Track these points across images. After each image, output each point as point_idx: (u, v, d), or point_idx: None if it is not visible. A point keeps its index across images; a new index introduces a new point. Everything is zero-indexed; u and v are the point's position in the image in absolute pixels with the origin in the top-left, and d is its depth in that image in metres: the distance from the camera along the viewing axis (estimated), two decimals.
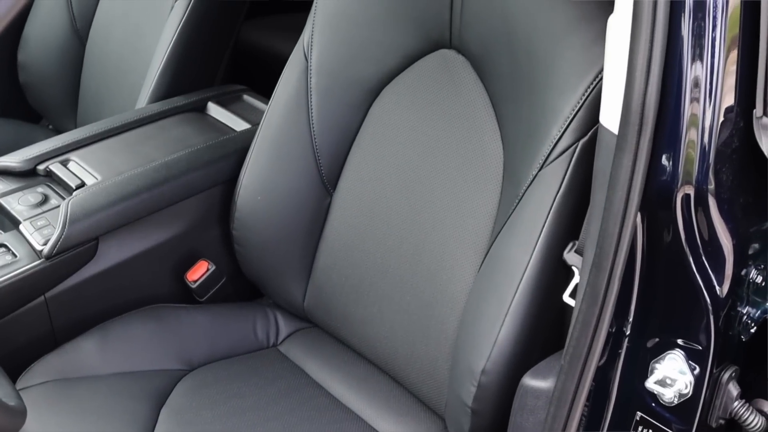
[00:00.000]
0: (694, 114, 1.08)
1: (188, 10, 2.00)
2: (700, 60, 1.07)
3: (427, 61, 1.60)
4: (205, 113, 1.99)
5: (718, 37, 1.07)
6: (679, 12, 1.06)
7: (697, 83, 1.07)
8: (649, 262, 1.16)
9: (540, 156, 1.37)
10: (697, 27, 1.05)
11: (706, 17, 1.05)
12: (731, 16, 1.07)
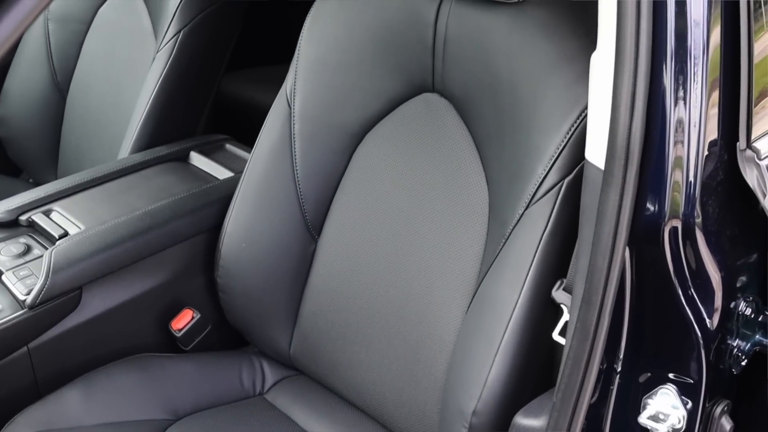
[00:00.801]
0: (679, 148, 1.09)
1: (169, 61, 2.01)
2: (683, 97, 1.08)
3: (410, 106, 1.61)
4: (188, 162, 1.99)
5: (700, 75, 1.08)
6: (662, 51, 1.07)
7: (681, 119, 1.08)
8: (638, 296, 1.16)
9: (526, 195, 1.38)
10: (679, 68, 1.07)
11: (688, 60, 1.06)
12: (712, 59, 1.08)
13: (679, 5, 1.05)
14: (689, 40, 1.06)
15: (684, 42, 1.06)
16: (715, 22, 1.08)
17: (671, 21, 1.05)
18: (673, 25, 1.05)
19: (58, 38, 2.30)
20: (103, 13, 2.24)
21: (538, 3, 1.41)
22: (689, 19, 1.05)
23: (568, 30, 1.37)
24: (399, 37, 1.57)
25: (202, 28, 2.02)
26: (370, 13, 1.60)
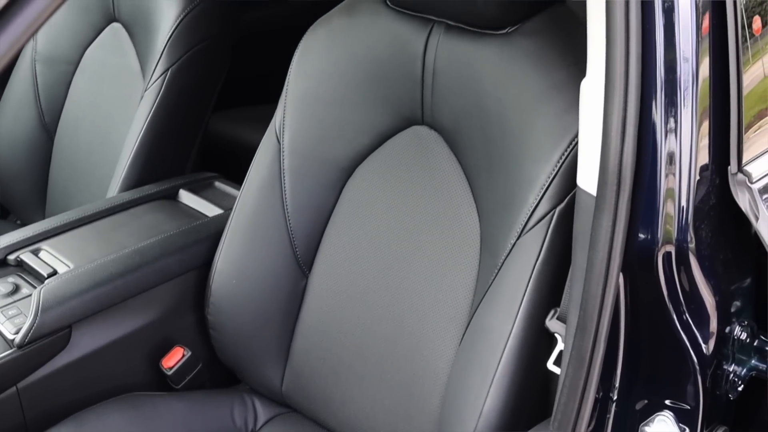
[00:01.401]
0: (671, 172, 1.09)
1: (158, 99, 2.01)
2: (674, 124, 1.08)
3: (399, 139, 1.61)
4: (177, 200, 1.99)
5: (690, 101, 1.08)
6: (651, 77, 1.07)
7: (672, 144, 1.09)
8: (633, 322, 1.15)
9: (517, 225, 1.37)
10: (669, 98, 1.07)
11: (678, 89, 1.07)
12: (701, 90, 1.09)
13: (668, 38, 1.05)
14: (678, 69, 1.07)
15: (673, 72, 1.07)
16: (703, 55, 1.08)
17: (660, 49, 1.06)
18: (662, 54, 1.06)
19: (46, 79, 2.30)
20: (91, 54, 2.24)
21: (526, 33, 1.42)
22: (678, 50, 1.06)
23: (556, 59, 1.38)
24: (388, 70, 1.57)
25: (190, 65, 2.03)
26: (358, 46, 1.61)
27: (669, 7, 1.05)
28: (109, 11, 2.20)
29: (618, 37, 1.07)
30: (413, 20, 1.54)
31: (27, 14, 0.67)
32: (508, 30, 1.43)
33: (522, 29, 1.42)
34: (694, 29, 1.07)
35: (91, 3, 2.22)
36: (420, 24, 1.53)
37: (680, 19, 1.06)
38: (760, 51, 1.17)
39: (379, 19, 1.59)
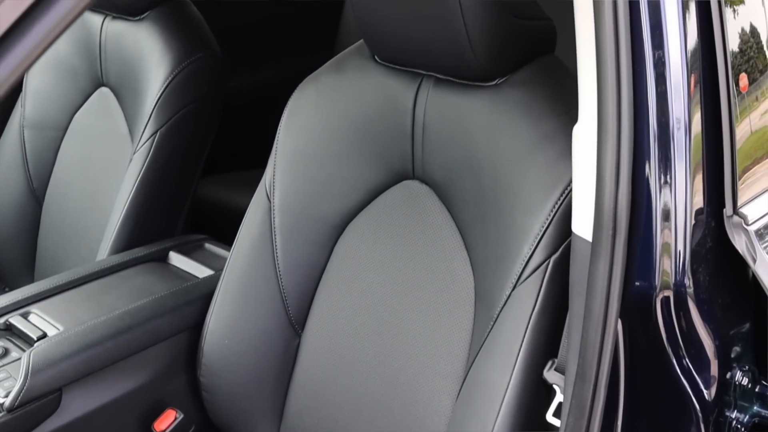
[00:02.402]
0: (666, 216, 1.09)
1: (146, 162, 2.00)
2: (668, 169, 1.09)
3: (391, 194, 1.60)
4: (167, 262, 1.97)
5: (683, 144, 1.09)
6: (644, 121, 1.08)
7: (666, 187, 1.09)
8: (632, 369, 1.14)
9: (512, 276, 1.36)
10: (663, 152, 1.08)
11: (671, 142, 1.08)
12: (695, 142, 1.10)
13: (660, 97, 1.06)
14: (671, 126, 1.07)
15: (666, 130, 1.07)
16: (695, 111, 1.09)
17: (653, 106, 1.07)
18: (654, 110, 1.07)
19: (34, 145, 2.30)
20: (79, 119, 2.24)
21: (515, 84, 1.42)
22: (670, 110, 1.07)
23: (546, 109, 1.38)
24: (377, 125, 1.58)
25: (179, 127, 2.03)
26: (347, 102, 1.61)
27: (660, 64, 1.06)
28: (97, 76, 2.20)
29: (609, 84, 1.08)
30: (402, 75, 1.54)
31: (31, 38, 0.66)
32: (497, 81, 1.44)
33: (511, 80, 1.43)
34: (685, 89, 1.08)
35: (78, 68, 2.23)
36: (409, 78, 1.54)
37: (672, 78, 1.08)
38: (747, 108, 1.18)
39: (367, 75, 1.59)
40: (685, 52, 1.09)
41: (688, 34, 1.09)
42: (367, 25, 1.54)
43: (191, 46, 2.05)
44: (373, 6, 1.50)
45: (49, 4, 0.68)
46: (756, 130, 1.20)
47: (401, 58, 1.53)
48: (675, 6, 1.08)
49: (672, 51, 1.08)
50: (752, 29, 1.21)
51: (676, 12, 1.09)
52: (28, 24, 0.67)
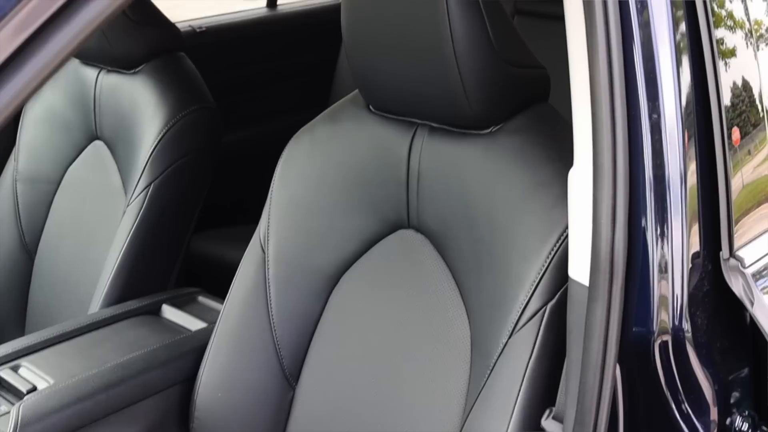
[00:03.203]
0: (663, 260, 1.08)
1: (140, 215, 2.00)
2: (664, 213, 1.09)
3: (385, 244, 1.60)
4: (160, 315, 1.96)
5: (678, 191, 1.09)
6: (639, 163, 1.08)
7: (663, 231, 1.08)
8: (631, 414, 1.13)
9: (508, 324, 1.35)
10: (660, 204, 1.08)
11: (667, 189, 1.08)
12: (690, 192, 1.10)
13: (655, 152, 1.07)
14: (666, 172, 1.08)
15: (662, 180, 1.08)
16: (690, 161, 1.10)
17: (648, 148, 1.08)
18: (650, 157, 1.08)
19: (27, 199, 2.29)
20: (73, 172, 2.24)
21: (510, 131, 1.43)
22: (665, 157, 1.08)
23: (541, 156, 1.38)
24: (372, 175, 1.58)
25: (173, 180, 2.03)
26: (342, 153, 1.61)
27: (655, 116, 1.07)
28: (91, 129, 2.21)
29: (604, 128, 1.08)
30: (397, 124, 1.55)
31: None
32: (492, 129, 1.44)
33: (506, 128, 1.43)
34: (680, 142, 1.09)
35: (72, 122, 2.24)
36: (403, 127, 1.54)
37: (667, 132, 1.09)
38: (739, 162, 1.18)
39: (362, 125, 1.60)
40: (680, 105, 1.10)
41: (682, 87, 1.10)
42: (362, 74, 1.55)
43: (186, 98, 2.06)
44: (368, 56, 1.51)
45: (46, 38, 0.68)
46: (748, 184, 1.20)
47: (396, 107, 1.54)
48: (669, 59, 1.10)
49: (667, 105, 1.09)
50: (744, 83, 1.21)
51: (670, 65, 1.10)
52: (25, 57, 0.67)
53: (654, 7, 1.10)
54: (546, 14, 2.78)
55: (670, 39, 1.12)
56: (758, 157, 1.24)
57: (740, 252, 1.13)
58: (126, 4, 0.77)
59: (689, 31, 1.14)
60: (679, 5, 1.13)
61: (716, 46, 1.14)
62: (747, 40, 1.25)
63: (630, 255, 1.08)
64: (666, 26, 1.11)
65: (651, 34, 1.10)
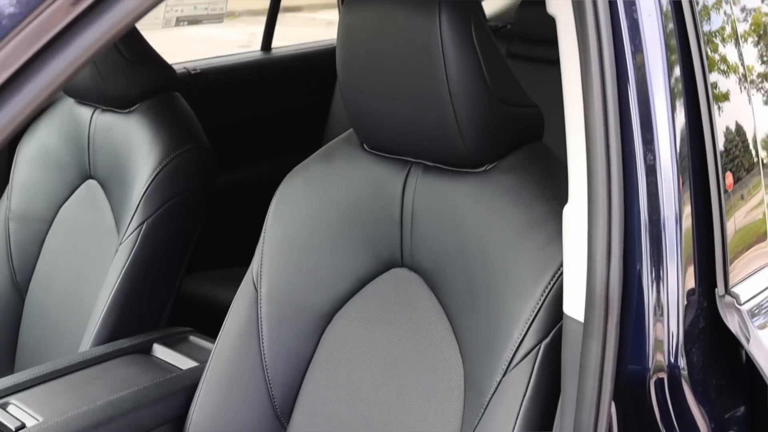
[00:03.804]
0: (658, 296, 1.08)
1: (132, 253, 2.00)
2: (658, 250, 1.09)
3: (379, 282, 1.59)
4: (151, 354, 1.95)
5: (673, 228, 1.09)
6: (633, 198, 1.08)
7: (657, 268, 1.08)
8: None
9: (502, 362, 1.35)
10: (654, 246, 1.09)
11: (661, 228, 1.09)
12: (685, 235, 1.10)
13: (651, 196, 1.07)
14: (662, 215, 1.09)
15: (657, 223, 1.08)
16: (685, 204, 1.11)
17: (643, 193, 1.08)
18: (646, 201, 1.08)
19: (19, 238, 2.28)
20: (65, 211, 2.24)
21: (504, 170, 1.43)
22: (661, 201, 1.08)
23: (536, 194, 1.39)
24: (366, 213, 1.57)
25: (166, 219, 2.03)
26: (336, 191, 1.61)
27: (650, 159, 1.08)
28: (85, 168, 2.21)
29: (599, 165, 1.08)
30: (391, 163, 1.55)
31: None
32: (486, 168, 1.44)
33: (500, 166, 1.44)
34: (676, 186, 1.10)
35: (66, 161, 2.24)
36: (397, 166, 1.54)
37: (663, 176, 1.09)
38: (733, 207, 1.18)
39: (356, 164, 1.60)
40: (675, 148, 1.11)
41: (677, 131, 1.11)
42: (357, 113, 1.55)
43: (180, 138, 2.06)
44: (363, 94, 1.52)
45: (44, 61, 0.68)
46: (741, 228, 1.20)
47: (390, 146, 1.54)
48: (664, 102, 1.11)
49: (662, 148, 1.10)
50: (738, 128, 1.22)
51: (665, 108, 1.11)
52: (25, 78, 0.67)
53: (649, 49, 1.12)
54: (538, 58, 2.80)
55: (665, 82, 1.13)
56: (751, 202, 1.24)
57: (736, 289, 1.13)
58: (123, 33, 0.77)
59: (684, 75, 1.15)
60: (673, 49, 1.14)
61: (711, 91, 1.15)
62: (741, 85, 1.26)
63: (625, 291, 1.08)
64: (661, 69, 1.12)
65: (646, 77, 1.11)
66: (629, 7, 1.12)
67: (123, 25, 0.74)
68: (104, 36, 0.74)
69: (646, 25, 1.13)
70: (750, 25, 1.33)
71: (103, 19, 0.74)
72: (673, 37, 1.15)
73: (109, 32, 0.74)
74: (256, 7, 7.65)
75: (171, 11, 2.96)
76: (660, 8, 1.14)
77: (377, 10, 1.45)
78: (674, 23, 1.16)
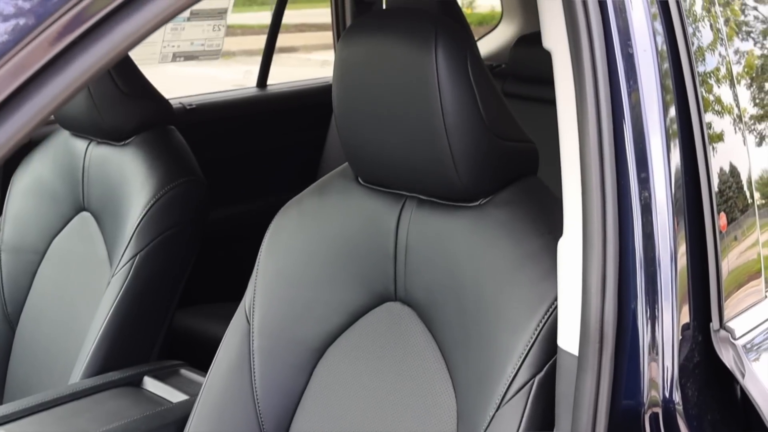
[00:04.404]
0: (653, 330, 1.08)
1: (124, 285, 1.99)
2: (653, 284, 1.09)
3: (372, 316, 1.59)
4: (141, 387, 1.94)
5: (669, 282, 1.10)
6: (628, 232, 1.09)
7: (653, 302, 1.08)
8: None
9: (496, 396, 1.34)
10: (649, 280, 1.09)
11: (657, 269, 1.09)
12: (680, 274, 1.11)
13: (646, 236, 1.08)
14: (657, 255, 1.09)
15: (652, 263, 1.09)
16: (680, 243, 1.11)
17: (638, 235, 1.08)
18: (641, 243, 1.09)
19: (10, 269, 2.28)
20: (58, 243, 2.23)
21: (498, 204, 1.43)
22: (656, 240, 1.09)
23: (530, 229, 1.39)
24: (360, 247, 1.57)
25: (159, 252, 2.02)
26: (330, 225, 1.61)
27: (646, 205, 1.08)
28: (79, 201, 2.21)
29: (594, 201, 1.09)
30: (385, 197, 1.55)
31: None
32: (480, 202, 1.44)
33: (494, 200, 1.44)
34: (671, 225, 1.10)
35: (60, 193, 2.24)
36: (392, 200, 1.54)
37: (658, 217, 1.10)
38: (726, 248, 1.19)
39: (350, 197, 1.60)
40: (671, 189, 1.11)
41: (672, 170, 1.12)
42: (352, 146, 1.55)
43: (175, 171, 2.07)
44: (358, 127, 1.52)
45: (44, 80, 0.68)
46: (735, 268, 1.20)
47: (385, 180, 1.54)
48: (659, 141, 1.11)
49: (658, 190, 1.10)
50: (732, 169, 1.23)
51: (660, 148, 1.11)
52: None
53: (644, 87, 1.12)
54: (533, 97, 2.82)
55: (661, 123, 1.13)
56: (745, 242, 1.25)
57: (731, 323, 1.12)
58: (118, 59, 0.77)
59: (679, 115, 1.15)
60: (668, 89, 1.15)
61: (706, 133, 1.15)
62: (735, 126, 1.26)
63: (620, 325, 1.08)
64: (656, 110, 1.13)
65: (641, 114, 1.12)
66: (624, 42, 1.13)
67: (92, 72, 0.75)
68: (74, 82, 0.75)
69: (641, 60, 1.13)
70: (743, 67, 1.34)
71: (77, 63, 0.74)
72: (669, 78, 1.16)
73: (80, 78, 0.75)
74: (252, 48, 7.70)
75: (168, 47, 2.97)
76: (655, 46, 1.15)
77: (374, 43, 1.46)
78: (669, 63, 1.17)
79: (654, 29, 1.16)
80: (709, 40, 1.27)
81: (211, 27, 3.06)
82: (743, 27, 1.39)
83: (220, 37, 3.12)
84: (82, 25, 0.73)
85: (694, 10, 1.24)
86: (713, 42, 1.27)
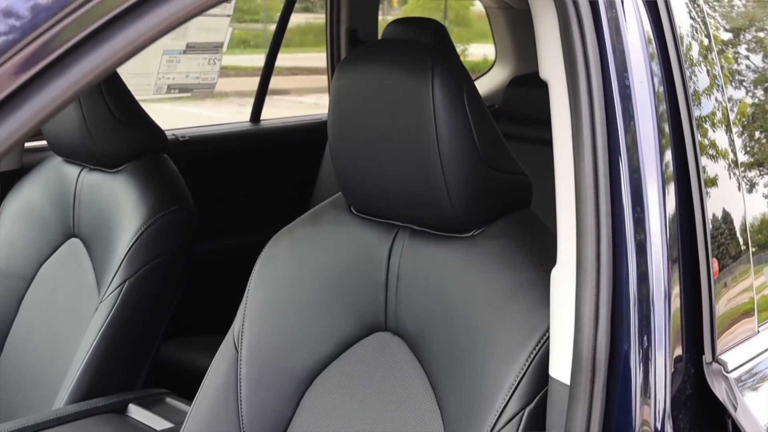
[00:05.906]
0: (646, 361, 1.07)
1: (112, 312, 1.98)
2: (647, 314, 1.09)
3: (361, 346, 1.58)
4: (126, 414, 1.92)
5: (663, 287, 1.09)
6: (622, 260, 1.08)
7: (646, 333, 1.08)
8: None
9: (485, 428, 1.33)
10: (643, 320, 1.09)
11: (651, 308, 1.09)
12: (674, 314, 1.11)
13: (641, 275, 1.08)
14: (651, 291, 1.09)
15: (647, 298, 1.09)
16: (674, 283, 1.11)
17: (633, 273, 1.09)
18: (636, 284, 1.09)
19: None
20: (46, 269, 2.22)
21: (491, 235, 1.43)
22: (650, 280, 1.09)
23: (522, 260, 1.38)
24: (351, 276, 1.57)
25: (148, 279, 2.01)
26: (321, 254, 1.60)
27: (641, 242, 1.08)
28: (69, 227, 2.20)
29: (588, 228, 1.09)
30: (378, 226, 1.55)
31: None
32: (473, 233, 1.44)
33: (487, 232, 1.43)
34: (665, 266, 1.10)
35: (50, 219, 2.23)
36: (385, 230, 1.54)
37: (653, 258, 1.10)
38: (717, 295, 1.19)
39: (343, 227, 1.60)
40: (665, 230, 1.11)
41: (668, 213, 1.12)
42: (346, 176, 1.55)
43: (166, 198, 2.06)
44: (352, 157, 1.52)
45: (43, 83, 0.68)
46: (722, 314, 1.20)
47: (378, 209, 1.54)
48: (655, 184, 1.12)
49: (653, 231, 1.11)
50: (725, 215, 1.23)
51: (656, 190, 1.12)
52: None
53: (642, 130, 1.13)
54: (526, 137, 2.83)
55: (657, 168, 1.14)
56: (736, 288, 1.25)
57: (723, 356, 1.12)
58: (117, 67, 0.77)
59: (675, 159, 1.16)
60: (664, 133, 1.16)
61: (702, 177, 1.16)
62: (730, 171, 1.27)
63: (612, 355, 1.08)
64: (653, 153, 1.13)
65: (639, 158, 1.12)
66: (621, 74, 1.14)
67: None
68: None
69: (638, 95, 1.14)
70: (736, 115, 1.35)
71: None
72: (665, 121, 1.16)
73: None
74: (244, 89, 7.74)
75: (163, 78, 2.98)
76: (652, 85, 1.16)
77: (370, 72, 1.47)
78: (666, 106, 1.17)
79: (651, 69, 1.17)
80: (706, 85, 1.28)
81: (207, 60, 3.07)
82: (736, 75, 1.40)
83: (215, 70, 3.13)
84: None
85: (691, 55, 1.25)
86: (710, 87, 1.28)
